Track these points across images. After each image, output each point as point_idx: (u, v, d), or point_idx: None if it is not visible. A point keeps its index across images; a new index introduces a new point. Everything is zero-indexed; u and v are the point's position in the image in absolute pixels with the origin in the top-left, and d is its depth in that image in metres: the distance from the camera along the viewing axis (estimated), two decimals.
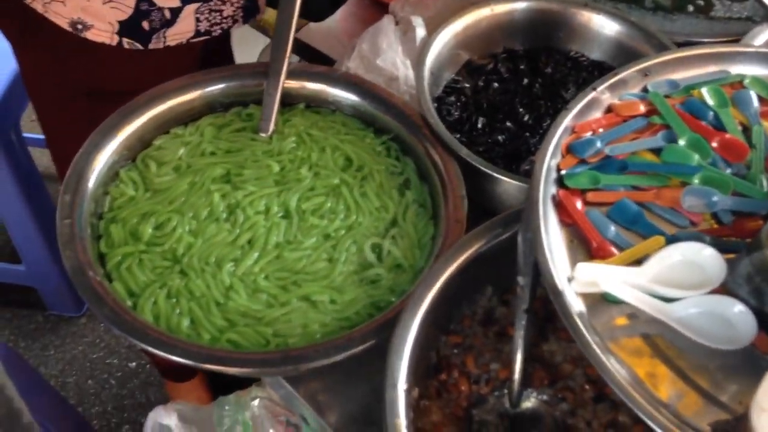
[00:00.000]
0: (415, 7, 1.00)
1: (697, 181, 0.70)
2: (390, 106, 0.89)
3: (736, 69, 0.78)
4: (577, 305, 0.61)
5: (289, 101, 0.91)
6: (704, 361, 0.57)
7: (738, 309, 0.58)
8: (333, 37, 1.15)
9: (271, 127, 0.87)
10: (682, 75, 0.79)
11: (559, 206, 0.70)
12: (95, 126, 0.82)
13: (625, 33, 0.97)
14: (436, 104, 0.93)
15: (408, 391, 0.65)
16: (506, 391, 0.72)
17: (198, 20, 0.96)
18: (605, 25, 0.97)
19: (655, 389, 0.57)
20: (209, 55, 1.06)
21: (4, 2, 0.97)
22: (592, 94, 0.78)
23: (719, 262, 0.61)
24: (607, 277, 0.62)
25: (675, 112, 0.75)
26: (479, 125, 0.93)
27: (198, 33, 0.98)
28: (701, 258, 0.62)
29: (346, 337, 0.69)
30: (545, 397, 0.73)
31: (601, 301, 0.62)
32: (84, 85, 1.03)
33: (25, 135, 1.61)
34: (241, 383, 0.93)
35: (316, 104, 0.92)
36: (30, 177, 1.57)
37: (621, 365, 0.57)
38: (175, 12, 0.94)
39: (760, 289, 0.59)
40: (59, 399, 1.43)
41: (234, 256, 0.76)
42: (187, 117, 0.88)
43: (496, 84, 0.97)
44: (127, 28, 0.94)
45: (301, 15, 0.88)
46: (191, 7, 0.94)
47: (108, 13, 0.92)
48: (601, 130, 0.76)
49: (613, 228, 0.67)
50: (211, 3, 0.97)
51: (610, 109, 0.77)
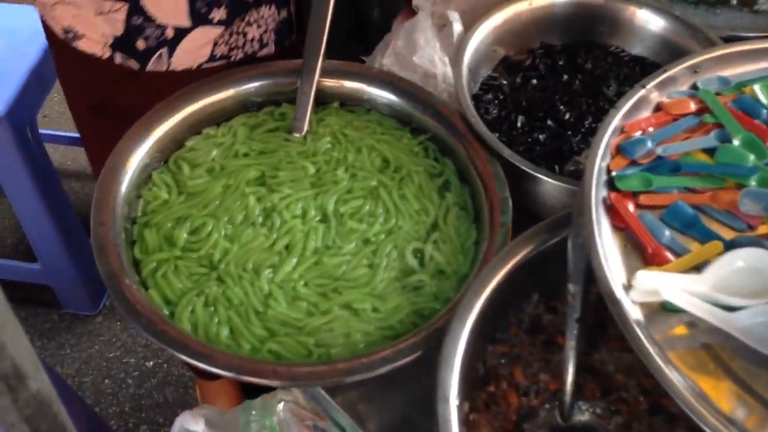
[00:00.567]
0: (448, 1, 0.97)
1: (753, 182, 0.67)
2: (428, 105, 0.86)
3: None
4: (635, 314, 0.58)
5: (322, 100, 0.88)
6: None
7: None
8: None
9: (306, 126, 0.84)
10: (732, 71, 0.76)
11: (611, 210, 0.67)
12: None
13: (670, 28, 0.93)
14: (473, 102, 0.89)
15: (460, 406, 0.63)
16: (557, 404, 0.70)
17: (215, 43, 0.90)
18: (650, 20, 0.94)
19: (720, 404, 0.54)
20: None
21: None
22: (641, 92, 0.75)
23: None
24: (669, 285, 0.59)
25: (727, 110, 0.72)
26: (518, 124, 0.90)
27: (212, 58, 0.91)
28: (765, 264, 0.59)
29: (394, 349, 0.66)
30: (598, 410, 0.70)
31: (659, 310, 0.59)
32: (85, 99, 1.00)
33: (41, 131, 1.58)
34: None
35: (350, 103, 0.89)
36: (46, 174, 1.54)
37: (684, 378, 0.55)
38: (182, 32, 0.88)
39: None
40: (77, 399, 1.41)
41: (272, 263, 0.74)
42: (219, 117, 0.85)
43: (534, 81, 0.94)
44: (121, 43, 0.89)
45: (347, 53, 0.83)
46: (205, 31, 0.87)
47: (100, 25, 0.87)
48: (651, 129, 0.73)
49: (668, 232, 0.65)
50: (234, 26, 0.90)
51: (659, 108, 0.74)
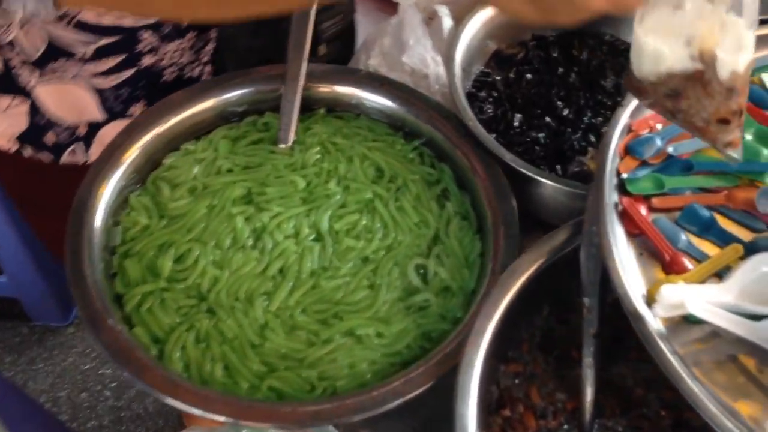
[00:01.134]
0: None
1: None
2: (421, 107, 0.81)
3: None
4: (658, 328, 0.55)
5: (308, 106, 0.82)
6: None
7: None
8: None
9: (292, 136, 0.79)
10: None
11: (624, 215, 0.64)
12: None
13: None
14: (467, 100, 0.84)
15: None
16: (576, 424, 0.66)
17: None
18: None
19: (751, 419, 0.51)
20: None
21: None
22: None
23: None
24: (694, 298, 0.56)
25: None
26: (515, 123, 0.85)
27: None
28: None
29: (404, 379, 0.61)
30: (620, 429, 0.67)
31: (681, 321, 0.56)
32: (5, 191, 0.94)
33: None
34: None
35: (338, 108, 0.83)
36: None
37: (710, 393, 0.52)
38: (96, 126, 0.84)
39: None
40: (51, 421, 1.34)
41: (266, 289, 0.68)
42: (198, 130, 0.79)
43: (529, 75, 0.89)
44: (28, 137, 0.84)
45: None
46: (124, 122, 0.80)
47: (3, 119, 0.82)
48: (659, 126, 0.70)
49: (684, 237, 0.62)
50: None
51: None
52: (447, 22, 0.84)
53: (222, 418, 0.59)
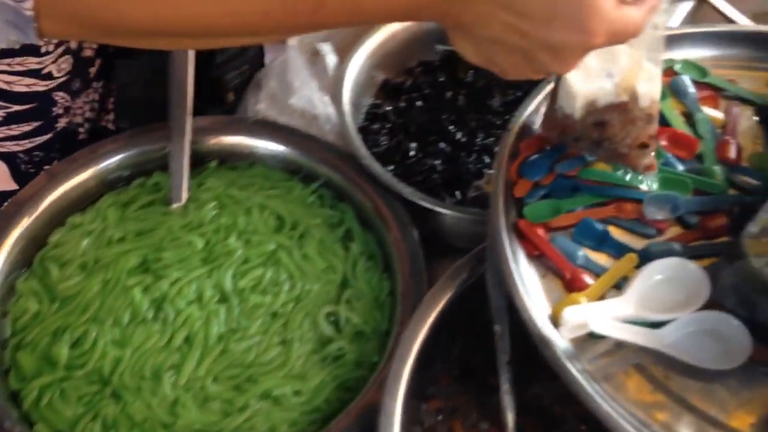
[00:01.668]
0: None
1: (655, 185, 0.66)
2: (315, 149, 0.80)
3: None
4: (565, 348, 0.56)
5: (198, 160, 0.79)
6: (704, 383, 0.55)
7: (730, 324, 0.56)
8: None
9: (185, 195, 0.76)
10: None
11: (523, 238, 0.65)
12: None
13: None
14: (361, 136, 0.84)
15: None
16: None
17: None
18: None
19: (664, 427, 0.52)
20: None
21: None
22: (528, 109, 0.72)
23: (701, 276, 0.58)
24: (596, 316, 0.57)
25: None
26: (411, 152, 0.85)
27: None
28: (682, 274, 0.59)
29: None
30: None
31: (587, 338, 0.57)
32: None
33: None
34: None
35: (231, 159, 0.81)
36: None
37: (620, 407, 0.53)
38: (8, 194, 0.77)
39: (750, 298, 0.57)
40: None
41: (172, 362, 0.66)
42: (83, 201, 0.75)
43: (419, 102, 0.90)
44: None
45: None
46: None
47: None
48: (548, 147, 0.71)
49: (581, 252, 0.64)
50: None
51: None
52: (331, 59, 0.84)
53: None
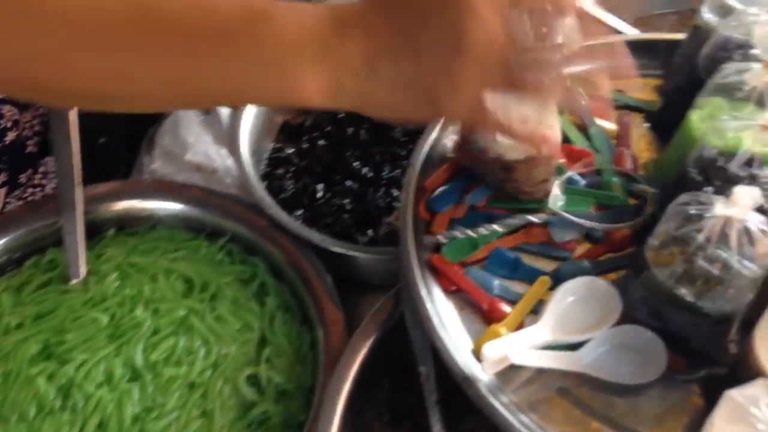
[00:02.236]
0: None
1: (560, 204, 0.66)
2: (217, 204, 0.77)
3: None
4: (488, 383, 0.56)
5: (95, 230, 0.76)
6: (627, 399, 0.56)
7: (644, 336, 0.57)
8: None
9: (83, 269, 0.72)
10: None
11: (438, 274, 0.64)
12: None
13: None
14: (266, 182, 0.82)
15: None
16: None
17: None
18: None
19: None
20: None
21: None
22: (430, 140, 0.72)
23: (611, 291, 0.59)
24: (515, 347, 0.57)
25: None
26: (319, 193, 0.84)
27: None
28: (593, 292, 0.60)
29: None
30: None
31: (510, 369, 0.57)
32: None
33: None
34: None
35: (129, 225, 0.78)
36: None
37: None
38: None
39: (658, 309, 0.58)
40: None
41: None
42: None
43: (321, 141, 0.88)
44: None
45: None
46: None
47: None
48: (455, 177, 0.71)
49: (496, 282, 0.63)
50: None
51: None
52: (224, 109, 0.81)
53: None
